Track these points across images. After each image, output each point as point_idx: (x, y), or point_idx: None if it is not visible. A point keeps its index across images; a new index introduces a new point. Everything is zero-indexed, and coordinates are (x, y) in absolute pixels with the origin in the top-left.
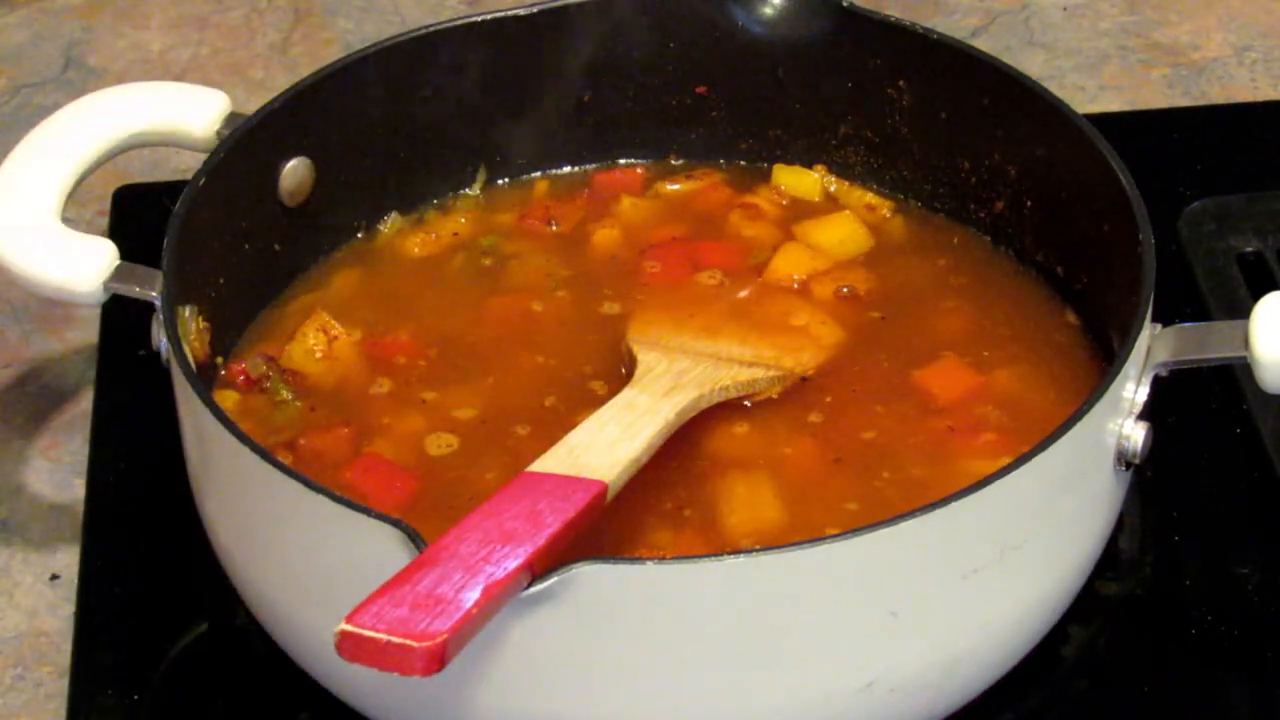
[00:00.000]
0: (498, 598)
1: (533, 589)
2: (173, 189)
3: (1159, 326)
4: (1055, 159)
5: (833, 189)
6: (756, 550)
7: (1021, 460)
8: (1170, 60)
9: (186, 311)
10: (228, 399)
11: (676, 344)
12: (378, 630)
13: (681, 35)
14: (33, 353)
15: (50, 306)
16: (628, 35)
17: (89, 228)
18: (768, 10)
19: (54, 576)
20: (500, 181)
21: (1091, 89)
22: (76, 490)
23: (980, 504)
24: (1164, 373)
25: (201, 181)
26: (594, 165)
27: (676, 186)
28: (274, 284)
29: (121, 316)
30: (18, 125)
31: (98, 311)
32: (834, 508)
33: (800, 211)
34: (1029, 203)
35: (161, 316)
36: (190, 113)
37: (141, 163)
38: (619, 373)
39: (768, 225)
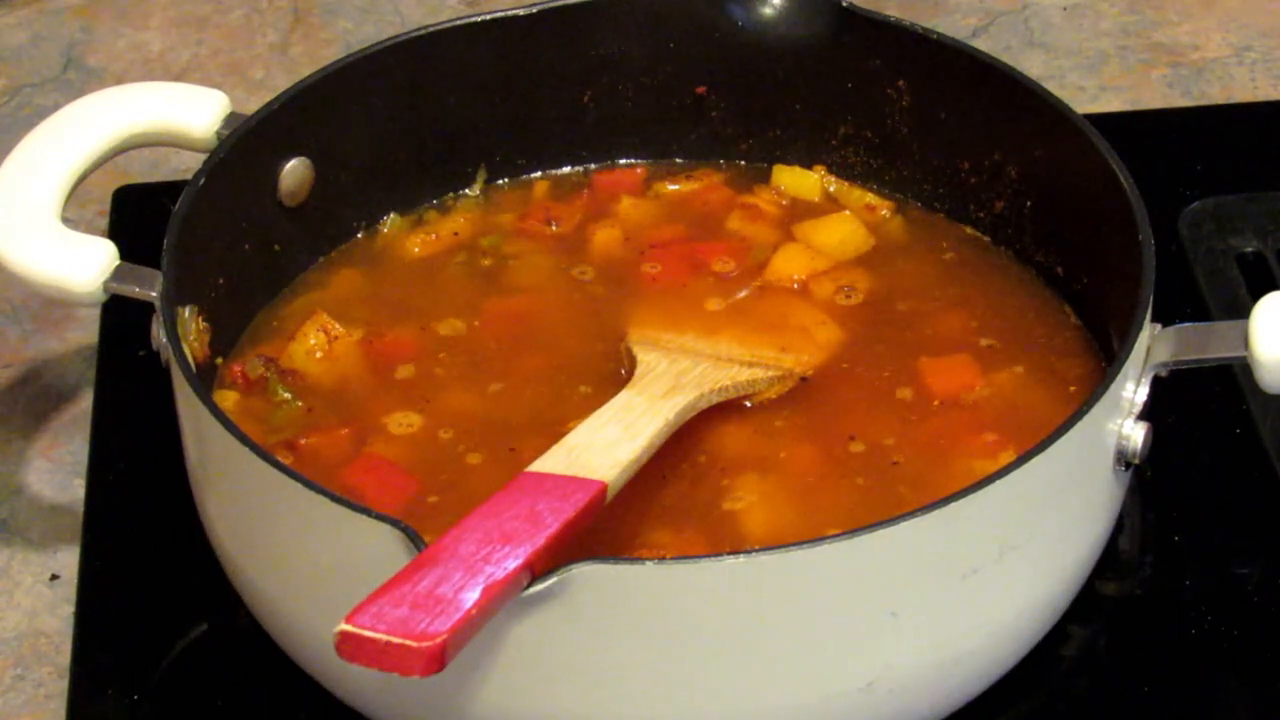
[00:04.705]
0: (497, 598)
1: (532, 589)
2: (173, 189)
3: (1159, 326)
4: (1055, 159)
5: (832, 189)
6: (756, 550)
7: (1021, 460)
8: (1170, 60)
9: (186, 311)
10: (228, 399)
11: (676, 344)
12: (378, 630)
13: (681, 35)
14: (33, 353)
15: (50, 306)
16: (628, 35)
17: (89, 228)
18: (768, 10)
19: (54, 576)
20: (500, 181)
21: (1091, 89)
22: (76, 490)
23: (980, 504)
24: (1164, 373)
25: (201, 181)
26: (594, 165)
27: (676, 186)
28: (274, 284)
29: (121, 316)
30: (18, 125)
31: (98, 311)
32: (834, 508)
33: (800, 211)
34: (1029, 203)
35: (161, 316)
36: (190, 113)
37: (141, 163)
38: (619, 373)
39: (767, 225)
